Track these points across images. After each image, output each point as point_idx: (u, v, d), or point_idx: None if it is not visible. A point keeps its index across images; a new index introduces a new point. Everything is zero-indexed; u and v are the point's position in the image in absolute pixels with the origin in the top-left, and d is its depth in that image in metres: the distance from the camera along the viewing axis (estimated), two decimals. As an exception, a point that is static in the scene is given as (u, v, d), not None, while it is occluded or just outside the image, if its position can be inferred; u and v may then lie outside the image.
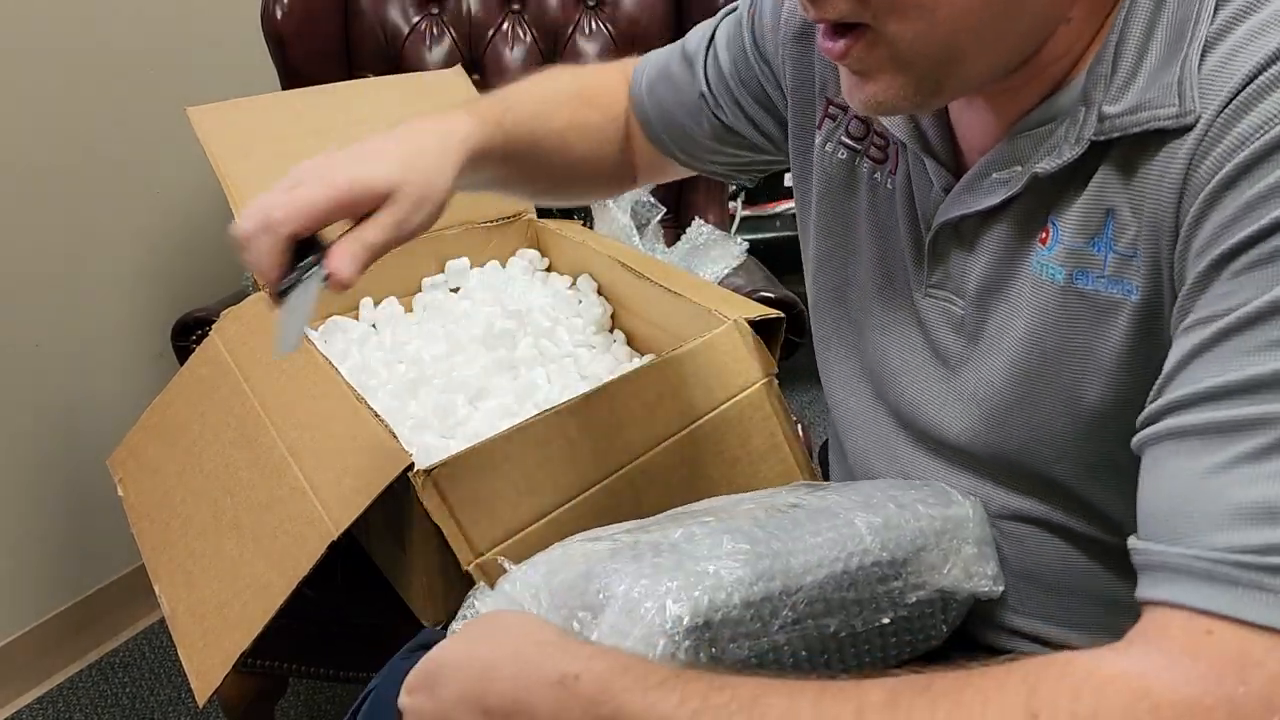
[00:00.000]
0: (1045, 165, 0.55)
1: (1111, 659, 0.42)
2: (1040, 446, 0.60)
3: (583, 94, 0.88)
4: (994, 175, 0.59)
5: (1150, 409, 0.48)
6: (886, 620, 0.60)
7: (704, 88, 0.82)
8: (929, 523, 0.62)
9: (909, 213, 0.67)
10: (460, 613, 0.61)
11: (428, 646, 0.74)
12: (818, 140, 0.74)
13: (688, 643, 0.53)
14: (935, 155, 0.64)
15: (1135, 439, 0.49)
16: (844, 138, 0.72)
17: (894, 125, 0.65)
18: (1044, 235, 0.57)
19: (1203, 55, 0.49)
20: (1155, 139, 0.50)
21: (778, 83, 0.78)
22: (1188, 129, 0.49)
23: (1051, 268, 0.57)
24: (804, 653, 0.58)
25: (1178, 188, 0.49)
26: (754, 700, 0.44)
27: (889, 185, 0.69)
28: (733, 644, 0.55)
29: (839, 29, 0.54)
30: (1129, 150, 0.52)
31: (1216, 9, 0.50)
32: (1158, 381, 0.49)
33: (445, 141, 0.71)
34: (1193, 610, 0.42)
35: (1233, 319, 0.45)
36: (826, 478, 0.94)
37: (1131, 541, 0.47)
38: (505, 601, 0.60)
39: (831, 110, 0.73)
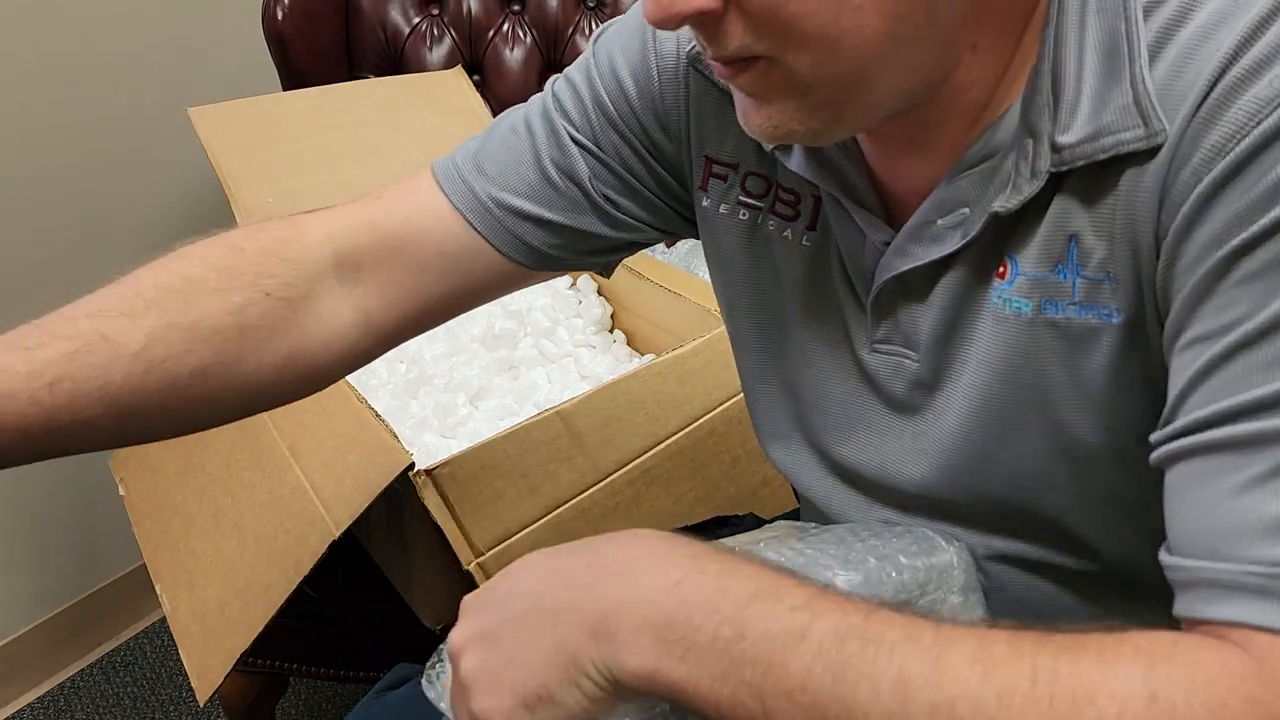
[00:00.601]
0: (1005, 204, 0.52)
1: (1212, 652, 0.41)
2: (1023, 483, 0.58)
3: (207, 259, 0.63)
4: (939, 222, 0.55)
5: (1169, 429, 0.47)
6: None
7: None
8: (911, 575, 0.60)
9: (840, 270, 0.61)
10: (428, 668, 0.58)
11: (401, 684, 0.74)
12: (706, 204, 0.67)
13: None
14: (865, 205, 0.58)
15: (1156, 455, 0.48)
16: (741, 198, 0.65)
17: (818, 177, 0.59)
18: (1001, 270, 0.54)
19: (1150, 66, 0.47)
20: (1118, 163, 0.49)
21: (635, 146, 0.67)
22: (1155, 150, 0.47)
23: (1015, 301, 0.54)
24: None
25: (1153, 205, 0.48)
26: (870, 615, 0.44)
27: (805, 242, 0.62)
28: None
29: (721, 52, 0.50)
30: (1087, 176, 0.50)
31: (1146, 17, 0.48)
32: (1170, 401, 0.47)
33: None
34: (1253, 627, 0.41)
35: (1237, 336, 0.44)
36: None
37: (1166, 558, 0.47)
38: None
39: (716, 169, 0.65)
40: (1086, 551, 0.59)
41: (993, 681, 0.40)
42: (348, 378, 0.89)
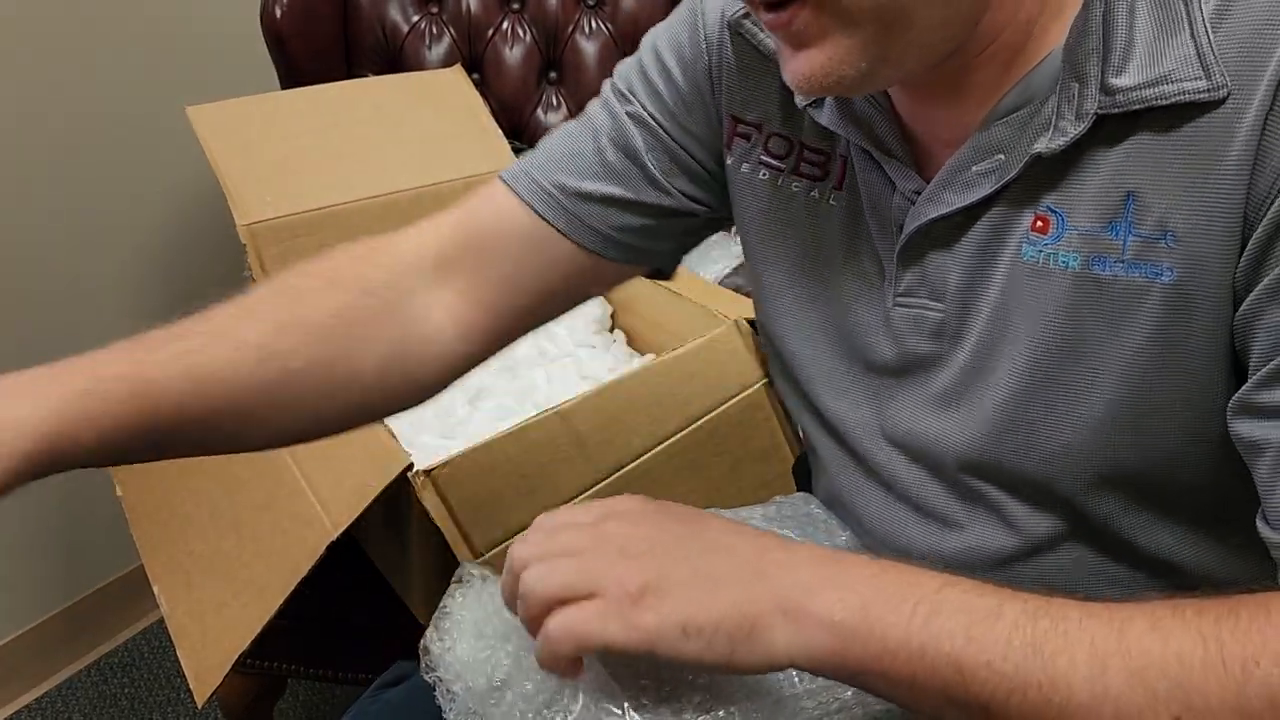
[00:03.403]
0: (1047, 145, 0.52)
1: None
2: (1040, 442, 0.57)
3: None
4: (973, 169, 0.56)
5: (1266, 397, 0.49)
6: None
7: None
8: None
9: (867, 226, 0.62)
10: (442, 607, 0.59)
11: (399, 681, 0.74)
12: (729, 163, 0.68)
13: None
14: (895, 156, 0.59)
15: (1242, 425, 0.50)
16: (763, 157, 0.66)
17: (848, 130, 0.60)
18: (1040, 223, 0.54)
19: (1213, 28, 0.49)
20: (1178, 114, 0.49)
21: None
22: (1217, 103, 0.48)
23: (1062, 256, 0.54)
24: None
25: (1242, 165, 0.48)
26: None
27: (831, 202, 0.63)
28: None
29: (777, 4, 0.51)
30: (1142, 125, 0.51)
31: None
32: (1269, 370, 0.48)
33: None
34: None
35: None
36: (803, 488, 0.93)
37: (1268, 533, 0.49)
38: (481, 603, 0.58)
39: (741, 129, 0.67)
40: (1102, 529, 0.59)
41: (1170, 647, 0.43)
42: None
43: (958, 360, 0.59)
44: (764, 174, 0.66)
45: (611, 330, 1.22)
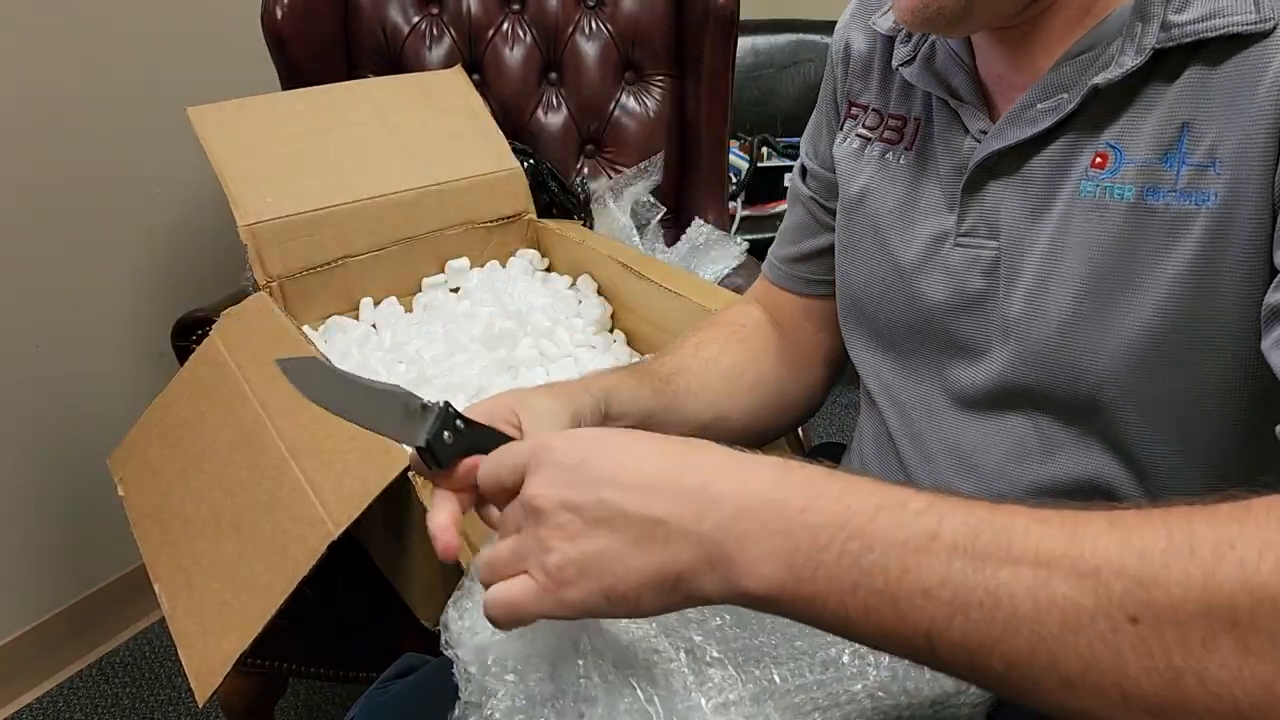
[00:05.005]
0: (1105, 77, 0.57)
1: None
2: (1089, 375, 0.60)
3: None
4: (1038, 106, 0.61)
5: None
6: None
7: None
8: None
9: (934, 172, 0.68)
10: (461, 586, 0.60)
11: (407, 673, 0.74)
12: (837, 142, 0.77)
13: None
14: (968, 102, 0.66)
15: (1271, 334, 0.51)
16: (859, 130, 0.74)
17: (929, 84, 0.67)
18: (1099, 159, 0.58)
19: None
20: (1228, 46, 0.53)
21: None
22: (1265, 34, 0.52)
23: (1118, 188, 0.57)
24: None
25: (1277, 96, 0.52)
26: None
27: (901, 160, 0.71)
28: None
29: None
30: (1197, 59, 0.55)
31: None
32: None
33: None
34: None
35: None
36: None
37: None
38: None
39: (853, 110, 0.76)
40: (1135, 463, 0.61)
41: (1131, 543, 0.40)
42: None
43: (1010, 298, 0.63)
44: (855, 144, 0.75)
45: (611, 330, 1.22)
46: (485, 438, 0.57)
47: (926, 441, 0.71)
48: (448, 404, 0.57)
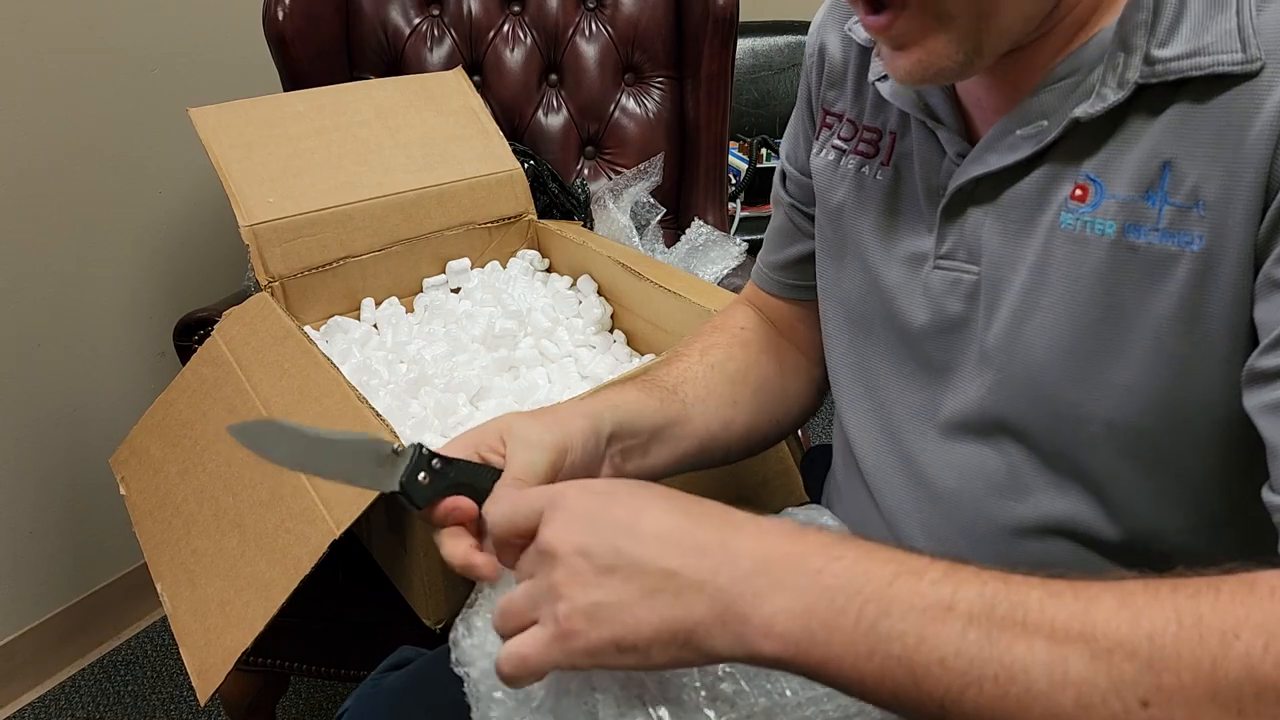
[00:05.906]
0: (1086, 110, 0.55)
1: None
2: (1062, 408, 0.58)
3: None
4: (1017, 132, 0.58)
5: (1273, 365, 0.49)
6: None
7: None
8: None
9: (911, 191, 0.66)
10: (470, 603, 0.60)
11: (402, 665, 0.75)
12: (814, 152, 0.75)
13: None
14: (946, 124, 0.63)
15: (1258, 396, 0.50)
16: (834, 141, 0.72)
17: (907, 104, 0.65)
18: (1079, 191, 0.56)
19: (1258, 9, 0.51)
20: (1215, 85, 0.51)
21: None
22: (1252, 75, 0.50)
23: (1100, 223, 0.56)
24: None
25: (1268, 140, 0.50)
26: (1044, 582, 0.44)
27: (878, 177, 0.68)
28: None
29: (876, 5, 0.55)
30: (1181, 96, 0.53)
31: None
32: (1272, 335, 0.49)
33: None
34: None
35: None
36: (809, 487, 0.94)
37: (1271, 497, 0.48)
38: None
39: (828, 120, 0.74)
40: (1111, 504, 0.60)
41: (1141, 625, 0.41)
42: (347, 377, 0.89)
43: (990, 325, 0.61)
44: (831, 155, 0.73)
45: (611, 331, 1.22)
46: (465, 472, 0.57)
47: (893, 461, 0.70)
48: (420, 445, 0.56)
